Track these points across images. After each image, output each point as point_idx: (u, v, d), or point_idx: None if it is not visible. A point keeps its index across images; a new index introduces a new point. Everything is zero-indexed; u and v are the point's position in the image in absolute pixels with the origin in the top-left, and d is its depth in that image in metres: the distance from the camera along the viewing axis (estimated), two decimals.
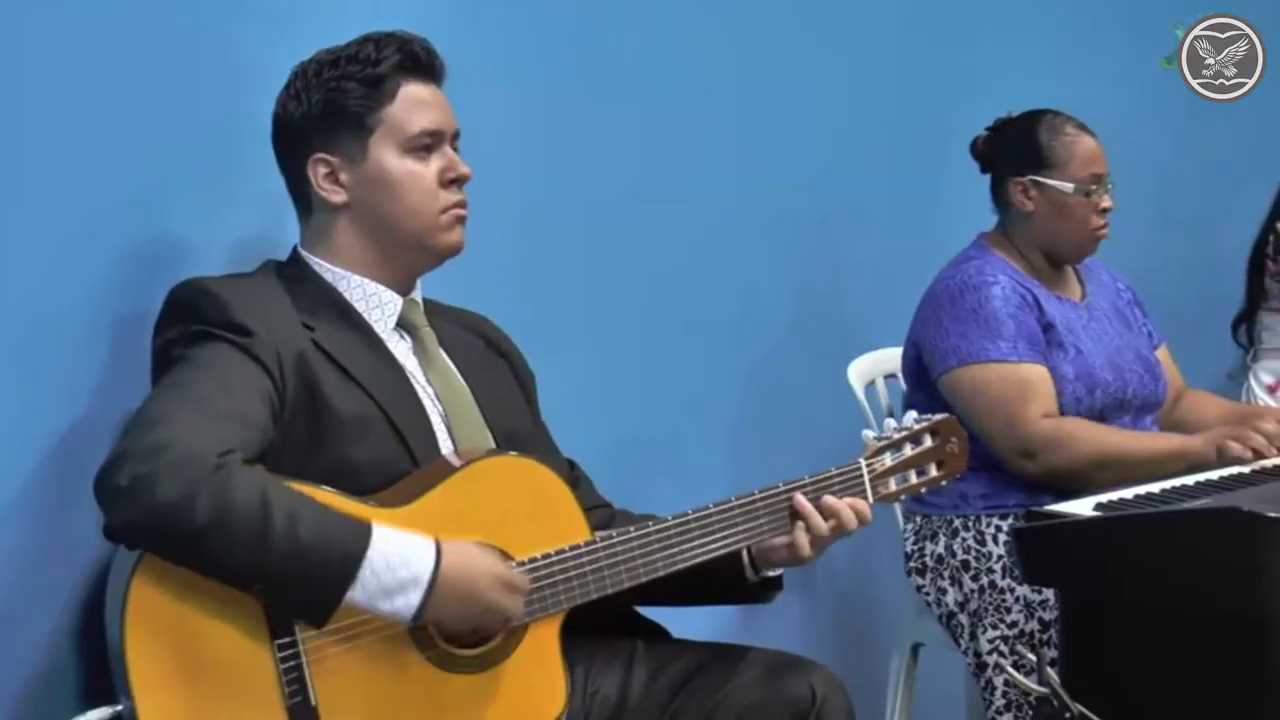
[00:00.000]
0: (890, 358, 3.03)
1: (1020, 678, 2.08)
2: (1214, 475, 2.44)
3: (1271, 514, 1.95)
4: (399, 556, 1.72)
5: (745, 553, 2.06)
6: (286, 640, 1.72)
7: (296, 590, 1.69)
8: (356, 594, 1.70)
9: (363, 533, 1.71)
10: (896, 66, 3.34)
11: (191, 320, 1.84)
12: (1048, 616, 2.61)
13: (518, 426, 2.07)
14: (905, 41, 3.37)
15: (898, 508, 2.90)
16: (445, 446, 1.95)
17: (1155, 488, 2.35)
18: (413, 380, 1.98)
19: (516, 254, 2.64)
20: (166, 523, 1.64)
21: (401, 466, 1.89)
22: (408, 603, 1.72)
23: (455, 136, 2.02)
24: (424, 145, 1.98)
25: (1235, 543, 1.98)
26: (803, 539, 2.03)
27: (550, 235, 2.74)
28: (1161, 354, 2.97)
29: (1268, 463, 2.52)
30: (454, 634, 1.82)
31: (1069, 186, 2.78)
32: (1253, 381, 3.74)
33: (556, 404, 2.22)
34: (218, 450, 1.69)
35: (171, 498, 1.64)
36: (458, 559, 1.76)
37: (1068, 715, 1.97)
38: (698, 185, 2.98)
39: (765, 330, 3.14)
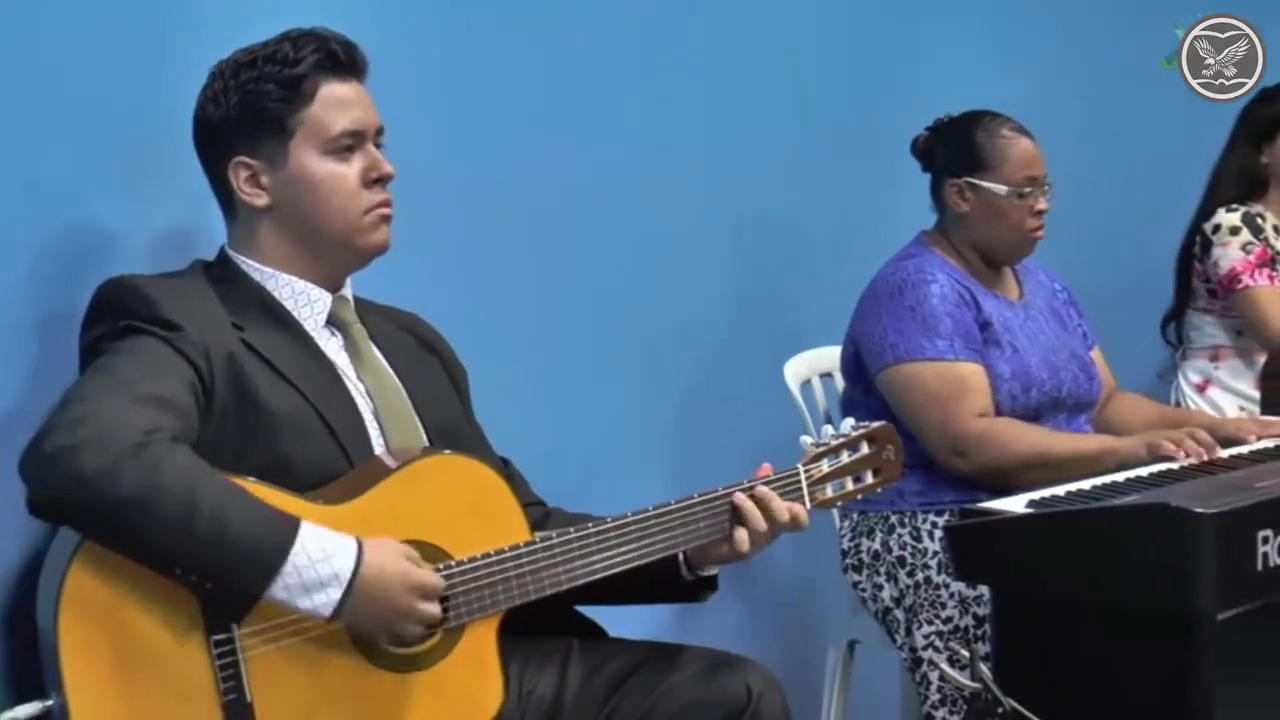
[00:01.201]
0: (826, 357, 3.05)
1: (954, 673, 2.10)
2: (1144, 472, 2.47)
3: (1199, 510, 1.98)
4: (322, 553, 1.71)
5: (681, 552, 2.06)
6: (223, 637, 1.71)
7: (219, 577, 1.68)
8: (277, 589, 1.69)
9: (291, 527, 1.70)
10: (836, 66, 3.35)
11: (119, 316, 1.84)
12: (982, 612, 2.63)
13: (450, 423, 2.07)
14: (846, 42, 3.38)
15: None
16: (377, 443, 1.95)
17: (1087, 485, 2.38)
18: (344, 377, 1.97)
19: (450, 253, 2.63)
20: (87, 493, 1.63)
21: (335, 464, 1.88)
22: (327, 599, 1.71)
23: (379, 134, 2.01)
24: (346, 146, 1.97)
25: (1164, 538, 2.00)
26: (742, 537, 2.04)
27: (485, 234, 2.73)
28: (1095, 355, 3.00)
29: (1197, 460, 2.55)
30: (377, 636, 1.80)
31: (1003, 189, 2.80)
32: (1182, 381, 3.79)
33: (490, 403, 2.21)
34: (144, 426, 1.68)
35: (94, 468, 1.63)
36: (377, 560, 1.75)
37: (1000, 710, 1.99)
38: (634, 185, 2.99)
39: (701, 330, 3.15)
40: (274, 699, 1.74)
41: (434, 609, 1.79)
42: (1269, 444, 2.67)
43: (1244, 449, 2.62)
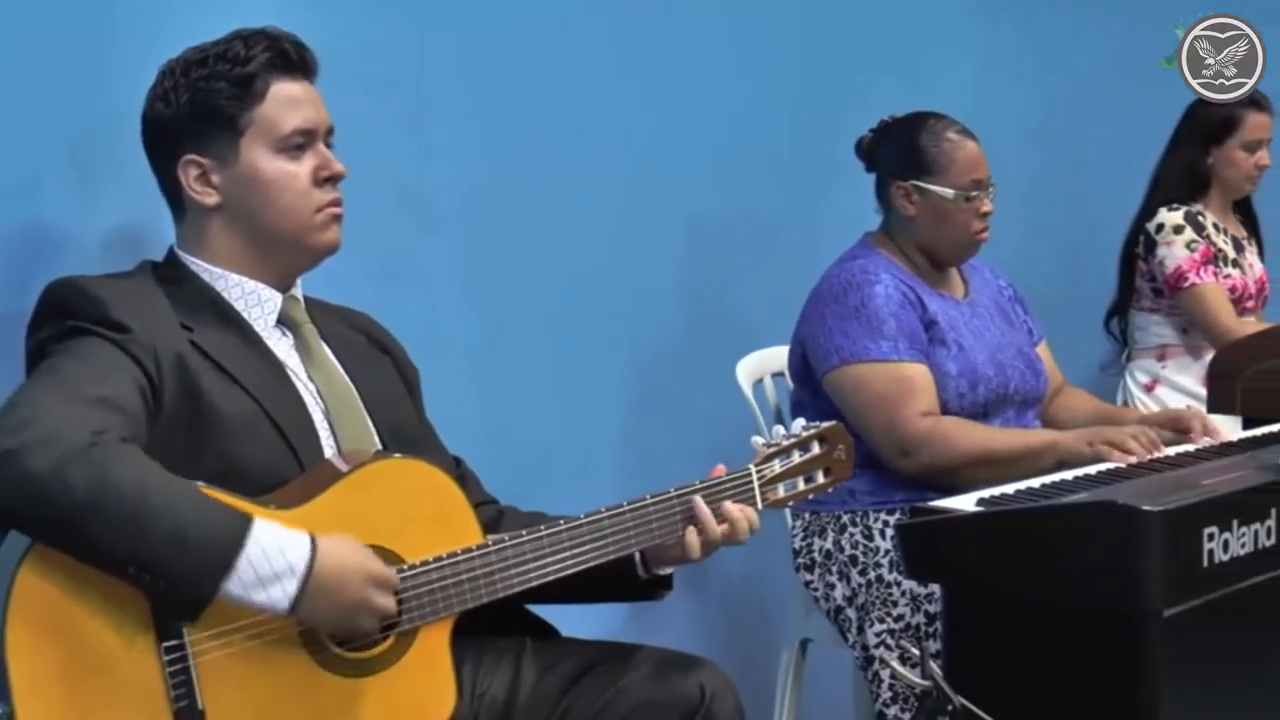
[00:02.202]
0: (778, 356, 3.06)
1: (905, 671, 2.11)
2: (1093, 470, 2.49)
3: (1146, 507, 2.00)
4: (275, 546, 1.70)
5: (637, 551, 2.07)
6: (174, 643, 1.70)
7: (173, 576, 1.66)
8: (232, 584, 1.67)
9: (243, 522, 1.69)
10: (786, 66, 3.36)
11: (66, 317, 1.82)
12: (934, 610, 2.64)
13: (402, 422, 2.07)
14: (795, 41, 3.40)
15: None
16: (327, 444, 1.94)
17: (1036, 483, 2.39)
18: (294, 377, 1.97)
19: (403, 251, 2.63)
20: (38, 496, 1.62)
21: (285, 466, 1.88)
22: (284, 592, 1.70)
23: (329, 133, 2.00)
24: (297, 144, 1.96)
25: (1112, 536, 2.02)
26: (694, 540, 2.04)
27: (436, 234, 2.73)
28: (1042, 350, 3.02)
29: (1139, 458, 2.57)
30: (333, 632, 1.79)
31: (949, 193, 2.82)
32: (1129, 381, 3.82)
33: (443, 403, 2.21)
34: (92, 427, 1.67)
35: (42, 469, 1.61)
36: (333, 552, 1.74)
37: (950, 708, 2.01)
38: (585, 185, 2.99)
39: (653, 330, 3.16)
40: (226, 705, 1.72)
41: (390, 602, 1.79)
42: (1214, 442, 2.70)
43: (1190, 447, 2.65)
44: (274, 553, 1.70)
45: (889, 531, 2.72)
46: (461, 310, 2.79)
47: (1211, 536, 2.06)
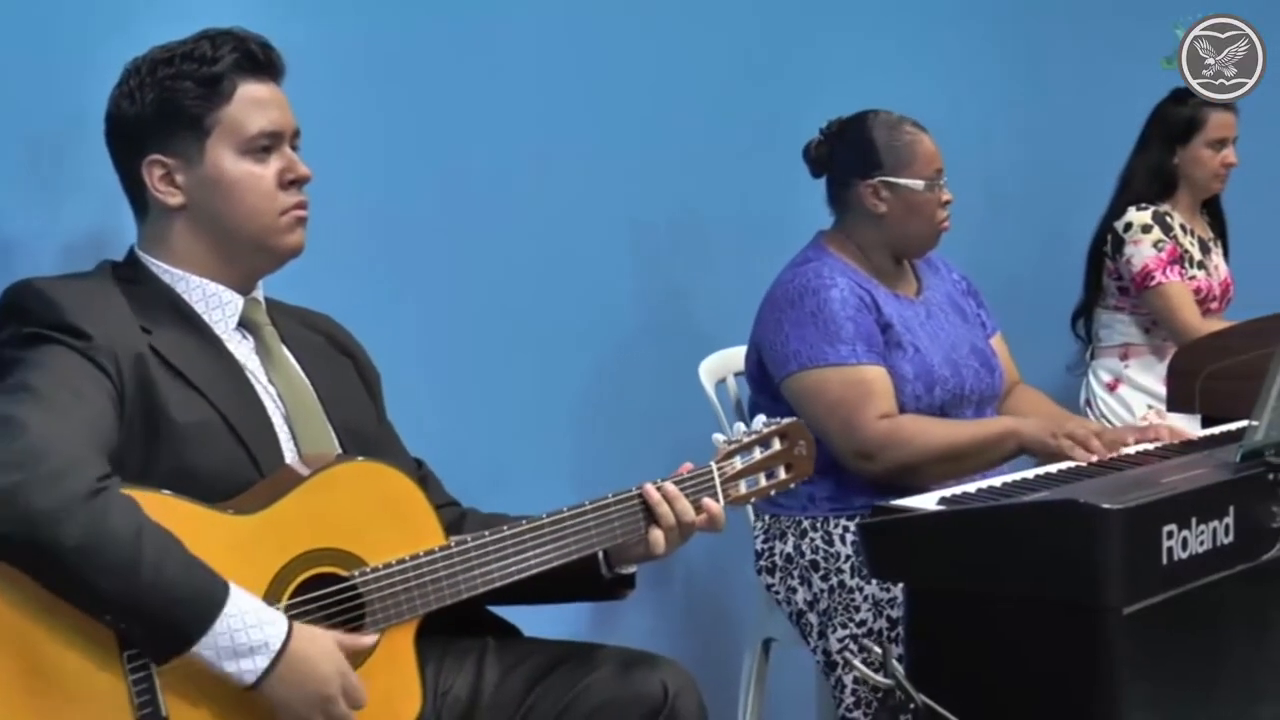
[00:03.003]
0: (740, 355, 3.05)
1: (867, 671, 2.12)
2: (1053, 468, 2.50)
3: (1106, 505, 2.01)
4: (254, 617, 1.71)
5: (600, 550, 2.07)
6: (138, 652, 1.69)
7: (151, 626, 1.67)
8: (206, 646, 1.68)
9: (223, 585, 1.70)
10: (743, 67, 3.37)
11: (23, 322, 1.81)
12: (895, 614, 2.65)
13: (362, 424, 2.06)
14: (753, 44, 3.40)
15: (750, 506, 2.93)
16: (287, 447, 1.94)
17: (997, 481, 2.40)
18: (254, 380, 1.96)
19: (362, 254, 2.63)
20: (37, 533, 1.61)
21: (244, 472, 1.87)
22: (254, 667, 1.70)
23: (295, 136, 2.00)
24: (262, 146, 1.96)
25: (1072, 533, 2.02)
26: (657, 536, 2.05)
27: (398, 235, 2.73)
28: (996, 343, 3.02)
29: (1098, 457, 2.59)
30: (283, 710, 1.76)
31: (919, 184, 2.83)
32: (1092, 379, 3.84)
33: (404, 403, 2.21)
34: (97, 473, 1.67)
35: (46, 509, 1.61)
36: (308, 639, 1.75)
37: (912, 706, 2.01)
38: (546, 186, 2.99)
39: (616, 330, 3.16)
40: (190, 714, 1.72)
41: (347, 712, 1.78)
42: (1174, 440, 2.72)
43: (1150, 445, 2.66)
44: (252, 623, 1.70)
45: (849, 537, 2.73)
46: (422, 312, 2.78)
47: (1171, 534, 2.06)
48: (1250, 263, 3.95)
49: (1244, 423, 2.31)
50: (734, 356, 3.10)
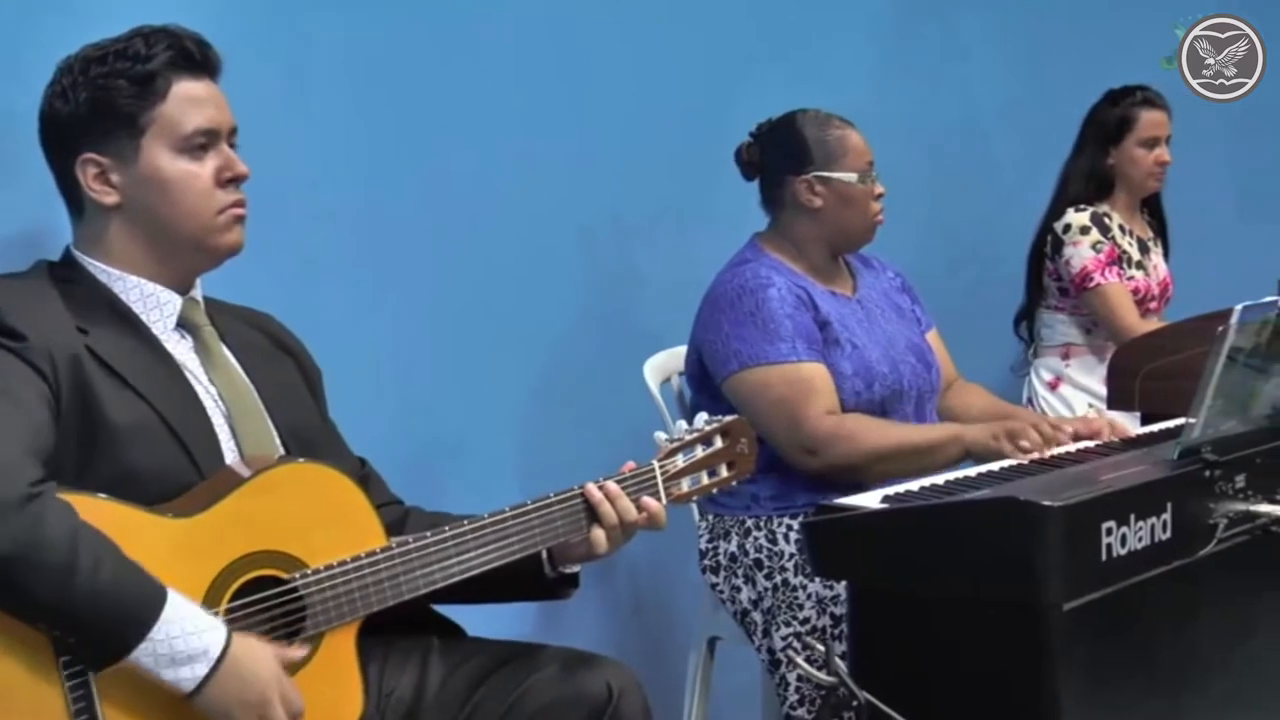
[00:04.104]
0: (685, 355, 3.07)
1: (811, 669, 2.13)
2: (995, 466, 2.52)
3: (1046, 503, 2.02)
4: (193, 624, 1.69)
5: (544, 549, 2.06)
6: (74, 659, 1.67)
7: (87, 634, 1.65)
8: (144, 654, 1.66)
9: (160, 591, 1.68)
10: (684, 69, 3.38)
11: None
12: (839, 612, 2.66)
13: (304, 423, 2.05)
14: (693, 45, 3.41)
15: (694, 505, 2.94)
16: (228, 448, 1.93)
17: (940, 479, 2.41)
18: (193, 380, 1.95)
19: (306, 253, 2.61)
20: None
21: (184, 473, 1.86)
22: (193, 675, 1.69)
23: (233, 133, 1.99)
24: (199, 144, 1.94)
25: (1013, 531, 2.04)
26: (599, 535, 2.05)
27: (340, 236, 2.72)
28: (932, 338, 3.04)
29: (1046, 452, 2.61)
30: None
31: (852, 177, 2.85)
32: (1034, 378, 3.87)
33: (346, 402, 2.20)
34: (31, 478, 1.65)
35: None
36: (247, 648, 1.74)
37: (855, 703, 2.02)
38: (491, 187, 2.98)
39: (560, 329, 3.16)
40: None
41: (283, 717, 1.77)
42: (1114, 434, 2.74)
43: (1091, 443, 2.68)
44: (190, 630, 1.69)
45: (793, 535, 2.74)
46: (366, 311, 2.77)
47: (1110, 531, 2.08)
48: (1189, 262, 3.99)
49: (1182, 420, 2.33)
50: (679, 356, 3.10)
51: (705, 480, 2.19)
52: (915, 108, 3.81)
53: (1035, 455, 2.56)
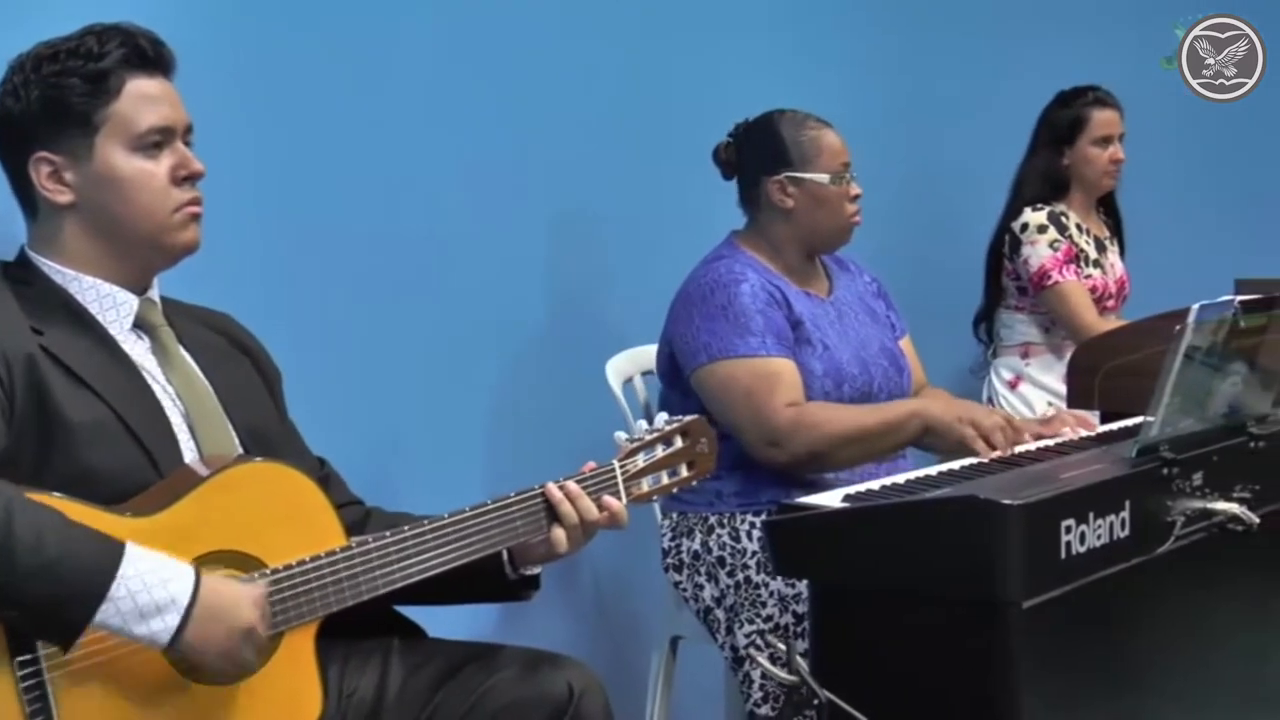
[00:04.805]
0: (648, 355, 3.07)
1: (773, 668, 2.13)
2: (956, 465, 2.53)
3: (1006, 501, 2.03)
4: (156, 576, 1.66)
5: (505, 550, 2.06)
6: (28, 658, 1.65)
7: (41, 610, 1.61)
8: (109, 615, 1.63)
9: (115, 549, 1.65)
10: (651, 66, 3.38)
11: None
12: (802, 609, 2.66)
13: (263, 424, 2.04)
14: (662, 41, 3.41)
15: (656, 504, 2.94)
16: (187, 448, 1.92)
17: (901, 478, 2.43)
18: (151, 381, 1.93)
19: (263, 252, 2.60)
20: None
21: (142, 473, 1.84)
22: (165, 625, 1.66)
23: (188, 131, 1.98)
24: (154, 142, 1.93)
25: (973, 529, 2.04)
26: (560, 535, 2.05)
27: (301, 233, 2.71)
28: (905, 345, 3.06)
29: (1006, 451, 2.62)
30: (212, 668, 1.74)
31: (824, 178, 2.86)
32: (993, 377, 3.89)
33: (307, 402, 2.19)
34: None
35: None
36: (216, 583, 1.72)
37: (816, 702, 2.03)
38: (455, 182, 2.98)
39: (522, 328, 3.15)
40: (83, 711, 1.69)
41: (267, 631, 1.76)
42: (1074, 436, 2.75)
43: (1050, 441, 2.70)
44: (155, 583, 1.66)
45: (756, 533, 2.74)
46: (328, 309, 2.76)
47: (1069, 529, 2.09)
48: (1146, 260, 4.02)
49: (1140, 419, 2.35)
50: (641, 356, 3.11)
51: (665, 480, 2.19)
52: (876, 109, 3.82)
53: (993, 451, 2.58)
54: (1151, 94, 4.00)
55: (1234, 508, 2.31)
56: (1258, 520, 2.32)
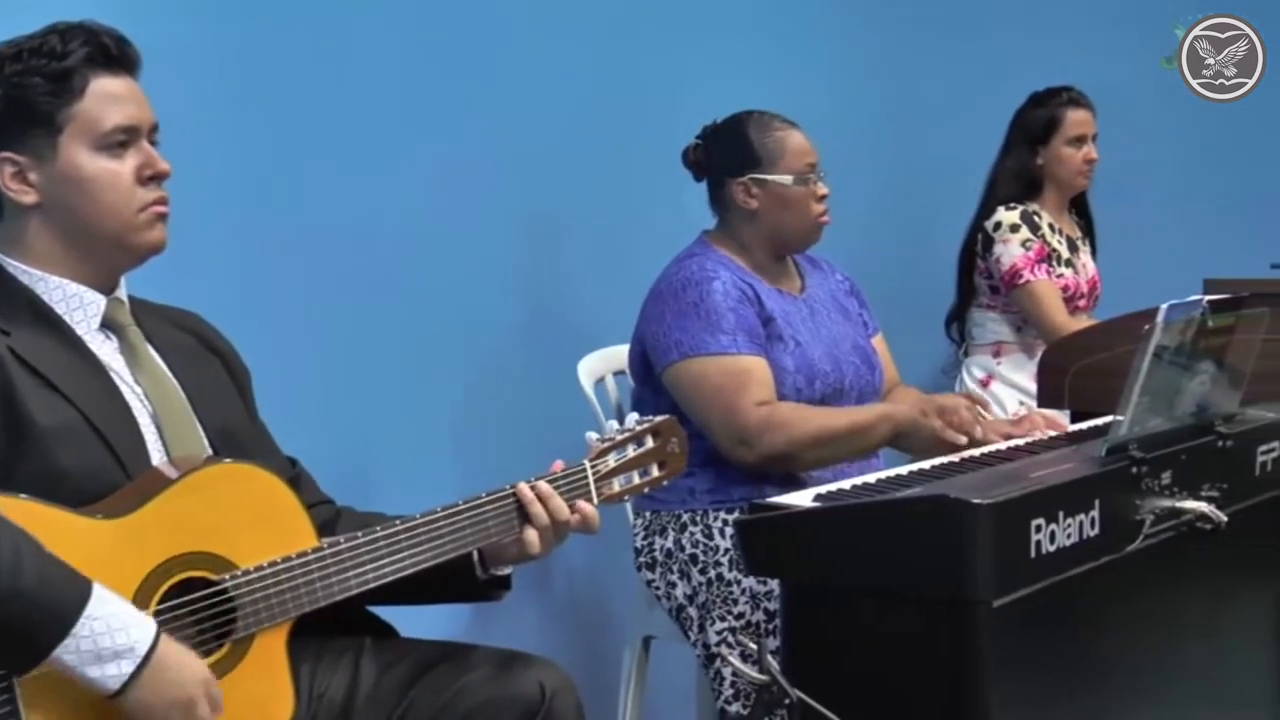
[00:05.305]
0: (620, 354, 3.07)
1: (744, 666, 2.13)
2: (927, 465, 2.53)
3: (976, 500, 2.04)
4: (119, 620, 1.65)
5: (475, 551, 2.06)
6: None
7: (9, 634, 1.60)
8: (68, 651, 1.62)
9: (85, 587, 1.64)
10: (619, 67, 3.38)
11: None
12: (773, 607, 2.67)
13: (232, 424, 2.03)
14: (635, 40, 3.42)
15: (628, 503, 2.94)
16: (155, 449, 1.91)
17: (872, 478, 2.43)
18: (119, 381, 1.92)
19: (235, 252, 2.60)
20: None
21: (110, 474, 1.83)
22: (119, 672, 1.65)
23: (153, 130, 1.97)
24: (119, 142, 1.92)
25: (943, 528, 2.05)
26: (532, 536, 2.04)
27: (271, 232, 2.70)
28: (878, 343, 3.06)
29: (977, 451, 2.63)
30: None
31: (788, 179, 2.86)
32: (965, 376, 3.90)
33: (279, 402, 2.18)
34: None
35: None
36: (173, 647, 1.70)
37: (787, 700, 2.03)
38: (424, 183, 2.98)
39: (494, 328, 3.15)
40: None
41: (211, 717, 1.74)
42: (1047, 428, 2.77)
43: (1021, 440, 2.71)
44: (117, 626, 1.65)
45: (729, 530, 2.75)
46: (300, 309, 2.76)
47: (1039, 528, 2.10)
48: (1117, 261, 4.04)
49: (1110, 418, 2.36)
50: (613, 355, 3.11)
51: (637, 480, 2.19)
52: (848, 108, 3.83)
53: (964, 437, 2.59)
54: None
55: (1202, 506, 2.33)
56: (1225, 519, 2.33)
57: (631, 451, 2.18)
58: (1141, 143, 4.31)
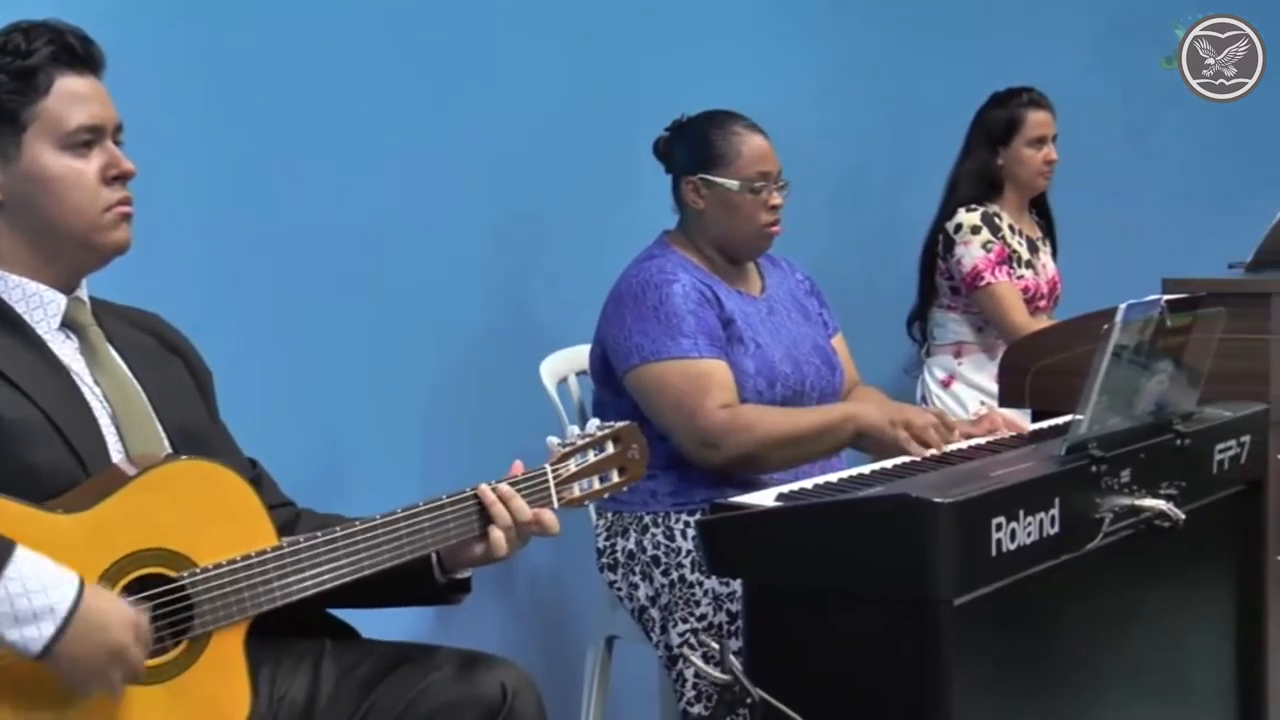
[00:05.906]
0: (582, 355, 3.07)
1: (706, 667, 2.14)
2: (889, 464, 2.54)
3: (937, 499, 2.04)
4: (38, 581, 1.63)
5: (434, 554, 2.05)
6: None
7: None
8: None
9: (5, 547, 1.61)
10: (585, 67, 3.38)
11: None
12: (735, 608, 2.67)
13: (193, 424, 2.02)
14: (601, 41, 3.41)
15: (591, 505, 2.94)
16: (115, 449, 1.89)
17: (834, 477, 2.44)
18: (79, 381, 1.91)
19: (196, 252, 2.59)
20: None
21: (71, 473, 1.82)
22: (39, 634, 1.62)
23: (118, 130, 1.96)
24: (83, 141, 1.91)
25: (904, 527, 2.05)
26: (498, 536, 2.04)
27: (236, 232, 2.69)
28: (837, 343, 3.06)
29: (937, 450, 2.64)
30: (78, 684, 1.68)
31: (734, 184, 2.85)
32: (927, 376, 3.92)
33: (240, 403, 2.18)
34: None
35: None
36: (98, 598, 1.67)
37: (749, 701, 2.03)
38: (391, 183, 2.97)
39: (456, 329, 3.15)
40: None
41: (141, 657, 1.72)
42: (1008, 429, 2.78)
43: (982, 440, 2.72)
44: (35, 588, 1.62)
45: (690, 532, 2.75)
46: (267, 308, 2.75)
47: (999, 526, 2.10)
48: (1077, 261, 4.06)
49: (1070, 417, 2.37)
50: (575, 356, 3.11)
51: (597, 485, 2.19)
52: (819, 108, 3.83)
53: (927, 451, 2.59)
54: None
55: (1161, 504, 2.34)
56: (1184, 516, 2.35)
57: (592, 456, 2.18)
58: (1101, 142, 4.34)
